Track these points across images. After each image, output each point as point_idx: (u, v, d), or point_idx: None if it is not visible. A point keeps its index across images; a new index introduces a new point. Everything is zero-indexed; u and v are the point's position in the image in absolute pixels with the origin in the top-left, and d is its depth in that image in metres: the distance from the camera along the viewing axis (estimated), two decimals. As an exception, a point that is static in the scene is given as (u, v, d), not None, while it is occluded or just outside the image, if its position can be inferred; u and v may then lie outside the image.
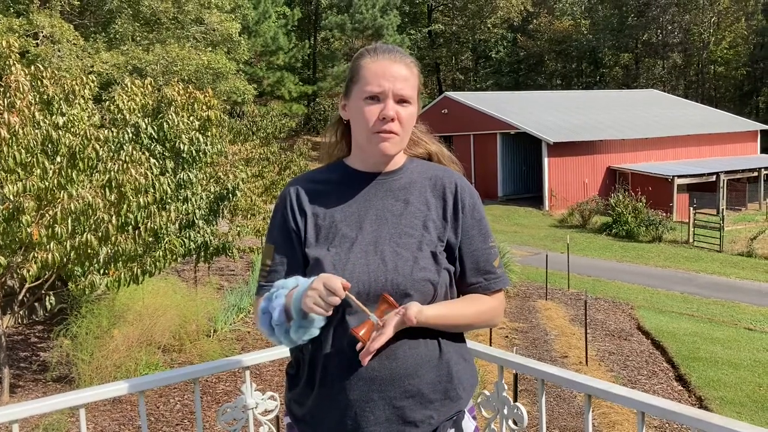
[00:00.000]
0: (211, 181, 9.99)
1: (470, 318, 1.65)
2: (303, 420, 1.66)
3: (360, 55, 1.65)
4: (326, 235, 1.62)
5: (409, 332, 1.55)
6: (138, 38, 20.72)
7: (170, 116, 8.61)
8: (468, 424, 1.68)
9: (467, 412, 1.68)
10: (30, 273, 5.90)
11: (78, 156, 6.42)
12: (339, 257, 1.58)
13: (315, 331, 1.52)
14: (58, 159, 6.41)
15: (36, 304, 9.38)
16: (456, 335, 1.68)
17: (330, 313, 1.47)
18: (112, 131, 7.98)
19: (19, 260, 6.31)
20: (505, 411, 2.09)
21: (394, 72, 1.59)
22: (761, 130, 35.77)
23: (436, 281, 1.59)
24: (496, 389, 2.13)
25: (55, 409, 1.91)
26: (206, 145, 9.03)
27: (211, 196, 9.65)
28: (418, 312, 1.51)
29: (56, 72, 7.67)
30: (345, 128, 1.74)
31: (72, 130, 6.84)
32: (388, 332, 1.50)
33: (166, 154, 8.70)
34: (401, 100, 1.60)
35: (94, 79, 8.41)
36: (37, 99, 6.77)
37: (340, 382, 1.56)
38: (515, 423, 2.08)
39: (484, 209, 1.73)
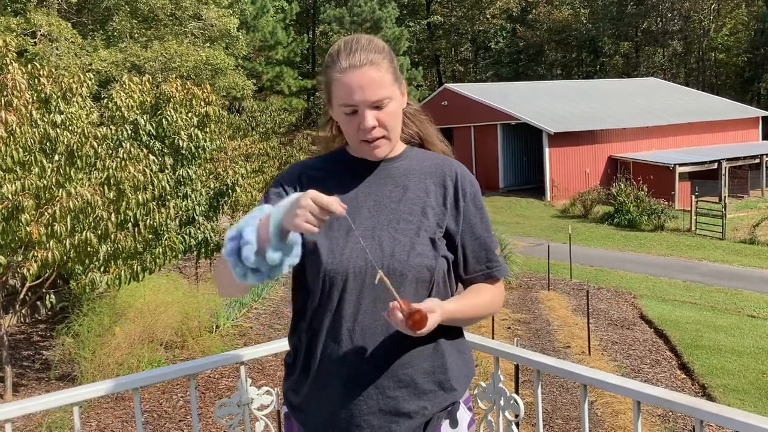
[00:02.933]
0: (211, 177, 9.98)
1: (482, 308, 1.67)
2: (299, 409, 1.66)
3: (327, 65, 1.61)
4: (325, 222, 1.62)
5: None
6: (136, 35, 20.69)
7: (169, 113, 8.60)
8: (463, 415, 1.68)
9: (462, 403, 1.68)
10: (30, 272, 5.91)
11: (76, 154, 6.42)
12: (337, 242, 1.57)
13: (295, 259, 1.41)
14: (56, 157, 6.41)
15: (38, 302, 9.40)
16: (452, 326, 1.67)
17: (318, 232, 1.37)
18: (111, 129, 7.98)
19: (20, 259, 6.32)
20: (502, 402, 2.08)
21: (362, 80, 1.55)
22: (762, 117, 35.64)
23: (433, 267, 1.59)
24: (492, 380, 2.12)
25: (49, 408, 1.90)
26: (205, 141, 9.03)
27: (211, 193, 9.65)
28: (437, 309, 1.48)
29: (54, 70, 7.66)
30: (338, 125, 1.73)
31: (70, 128, 6.83)
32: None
33: (165, 150, 8.69)
34: (377, 105, 1.57)
35: (92, 76, 8.40)
36: (34, 97, 6.76)
37: (334, 371, 1.56)
38: (515, 415, 2.08)
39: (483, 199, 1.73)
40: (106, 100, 9.19)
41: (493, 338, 9.20)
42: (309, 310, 1.62)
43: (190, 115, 9.06)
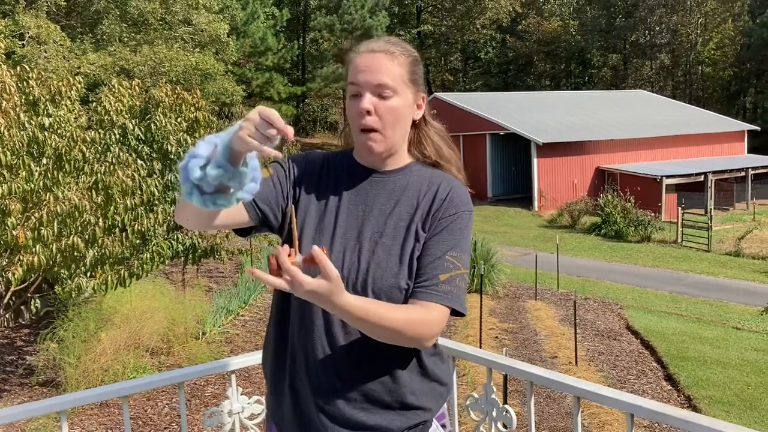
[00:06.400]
0: (200, 182, 9.92)
1: (397, 323, 1.44)
2: (275, 415, 1.68)
3: (351, 50, 1.64)
4: (314, 219, 1.60)
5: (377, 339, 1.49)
6: (125, 39, 20.61)
7: (158, 117, 8.55)
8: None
9: (435, 420, 1.65)
10: (15, 276, 5.84)
11: (64, 158, 6.36)
12: (318, 244, 1.53)
13: (246, 195, 1.33)
14: (44, 161, 6.35)
15: (22, 307, 9.29)
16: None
17: (264, 149, 1.26)
18: (99, 133, 7.92)
19: (4, 263, 6.25)
20: (494, 413, 2.07)
21: (372, 63, 1.54)
22: (748, 130, 36.02)
23: (405, 289, 1.53)
24: (484, 391, 2.11)
25: (36, 415, 1.88)
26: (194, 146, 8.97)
27: (200, 198, 9.59)
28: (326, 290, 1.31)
29: (43, 73, 7.60)
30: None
31: (58, 131, 6.78)
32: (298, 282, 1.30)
33: (154, 155, 8.63)
34: (381, 93, 1.53)
35: (81, 80, 8.34)
36: (23, 100, 6.70)
37: (305, 381, 1.56)
38: (504, 426, 2.07)
39: (469, 224, 1.61)
40: (94, 103, 9.12)
41: (480, 347, 9.19)
42: (285, 318, 1.61)
43: (179, 120, 9.01)
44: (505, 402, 4.54)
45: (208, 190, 1.31)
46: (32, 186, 6.01)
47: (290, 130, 1.27)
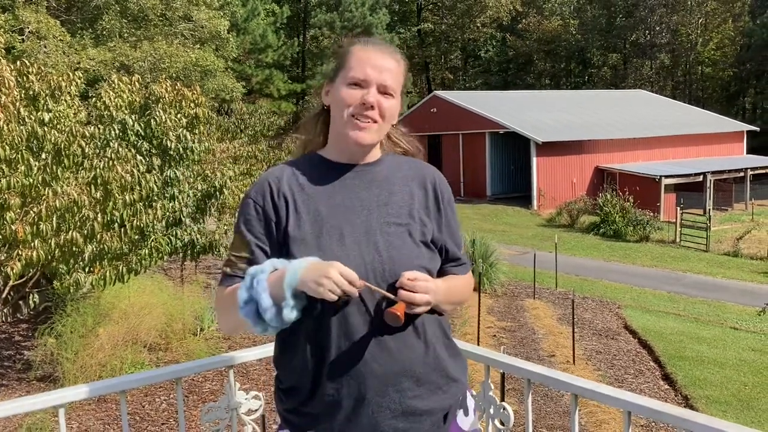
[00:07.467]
0: (199, 179, 9.93)
1: (463, 288, 1.76)
2: (306, 428, 1.61)
3: (350, 42, 1.66)
4: (312, 229, 1.57)
5: (410, 324, 1.57)
6: (125, 35, 20.57)
7: (157, 113, 8.55)
8: (470, 401, 1.76)
9: (467, 391, 1.77)
10: (14, 271, 5.83)
11: (63, 153, 6.36)
12: (332, 252, 1.53)
13: (297, 313, 1.51)
14: (44, 155, 6.35)
15: (20, 302, 9.29)
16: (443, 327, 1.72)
17: (338, 305, 1.50)
18: (99, 128, 7.92)
19: (3, 258, 6.24)
20: (492, 411, 2.08)
21: (382, 62, 1.60)
22: (747, 131, 36.04)
23: (430, 268, 1.61)
24: (482, 389, 2.11)
25: (34, 410, 1.88)
26: (194, 142, 8.98)
27: (199, 194, 9.59)
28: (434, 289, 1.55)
29: (42, 68, 7.58)
30: (325, 120, 1.72)
31: (58, 126, 6.77)
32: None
33: (153, 151, 8.64)
34: (384, 91, 1.60)
35: (81, 75, 8.33)
36: (22, 95, 6.69)
37: (352, 383, 1.53)
38: (501, 423, 2.07)
39: None
40: (94, 99, 9.11)
41: (478, 345, 9.20)
42: (309, 327, 1.56)
43: (179, 116, 9.01)
44: (502, 399, 4.55)
45: (282, 323, 1.52)
46: (31, 181, 6.01)
47: (363, 282, 1.48)
